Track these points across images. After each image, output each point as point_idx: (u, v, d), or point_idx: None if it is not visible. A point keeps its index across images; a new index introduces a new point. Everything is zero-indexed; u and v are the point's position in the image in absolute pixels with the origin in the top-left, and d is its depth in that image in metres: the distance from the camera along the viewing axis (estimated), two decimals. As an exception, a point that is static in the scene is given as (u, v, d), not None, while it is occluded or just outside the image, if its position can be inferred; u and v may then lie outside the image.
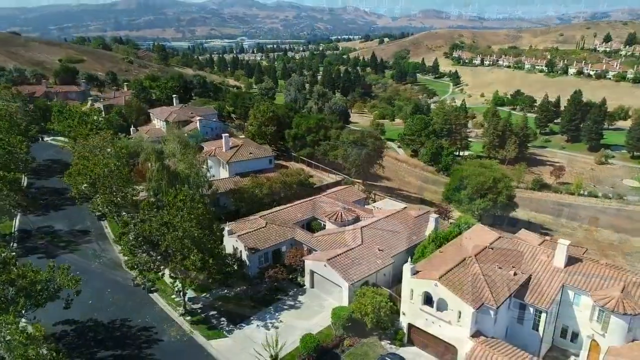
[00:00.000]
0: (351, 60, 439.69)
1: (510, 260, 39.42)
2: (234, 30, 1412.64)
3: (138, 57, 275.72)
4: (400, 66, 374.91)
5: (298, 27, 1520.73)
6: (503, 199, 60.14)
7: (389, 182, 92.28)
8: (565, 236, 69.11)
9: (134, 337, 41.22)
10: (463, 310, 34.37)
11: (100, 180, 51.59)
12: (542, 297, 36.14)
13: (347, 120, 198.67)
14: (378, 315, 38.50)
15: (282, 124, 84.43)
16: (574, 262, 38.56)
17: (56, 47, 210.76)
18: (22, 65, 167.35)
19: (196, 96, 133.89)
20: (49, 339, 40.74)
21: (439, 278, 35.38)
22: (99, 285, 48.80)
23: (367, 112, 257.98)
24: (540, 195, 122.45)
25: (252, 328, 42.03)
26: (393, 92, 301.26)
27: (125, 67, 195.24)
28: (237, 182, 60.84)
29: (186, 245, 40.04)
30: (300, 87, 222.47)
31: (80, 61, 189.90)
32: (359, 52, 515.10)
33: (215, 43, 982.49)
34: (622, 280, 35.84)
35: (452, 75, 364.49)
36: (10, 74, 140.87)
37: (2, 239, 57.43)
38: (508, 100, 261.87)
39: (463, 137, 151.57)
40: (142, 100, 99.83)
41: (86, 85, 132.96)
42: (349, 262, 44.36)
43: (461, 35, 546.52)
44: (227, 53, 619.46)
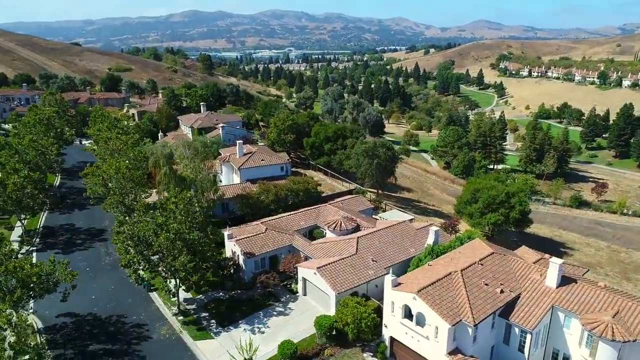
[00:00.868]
0: (394, 71, 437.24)
1: (499, 277, 37.86)
2: (283, 41, 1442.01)
3: (185, 67, 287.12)
4: (444, 77, 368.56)
5: (345, 38, 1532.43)
6: (516, 214, 57.68)
7: (409, 193, 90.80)
8: (586, 256, 65.38)
9: (126, 333, 42.78)
10: (440, 325, 33.38)
11: (112, 182, 54.16)
12: (528, 318, 34.44)
13: (382, 130, 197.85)
14: (359, 327, 38.02)
15: (301, 133, 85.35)
16: (567, 282, 36.51)
17: (107, 57, 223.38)
18: (75, 73, 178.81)
19: (229, 104, 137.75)
20: (50, 330, 43.50)
21: (417, 291, 34.56)
22: (105, 282, 51.08)
23: (405, 122, 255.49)
24: (578, 212, 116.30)
25: (239, 331, 42.55)
26: (434, 103, 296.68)
27: (169, 76, 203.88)
28: (244, 187, 62.03)
29: (177, 247, 41.30)
30: (337, 96, 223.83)
31: (127, 70, 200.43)
32: (403, 62, 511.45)
33: (263, 53, 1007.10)
34: (616, 305, 33.58)
35: (497, 86, 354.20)
36: (62, 81, 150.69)
37: (26, 234, 61.52)
38: (554, 113, 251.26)
39: (498, 149, 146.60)
40: (172, 107, 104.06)
41: (127, 93, 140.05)
42: (339, 271, 44.10)
43: (509, 46, 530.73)
44: (273, 63, 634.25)
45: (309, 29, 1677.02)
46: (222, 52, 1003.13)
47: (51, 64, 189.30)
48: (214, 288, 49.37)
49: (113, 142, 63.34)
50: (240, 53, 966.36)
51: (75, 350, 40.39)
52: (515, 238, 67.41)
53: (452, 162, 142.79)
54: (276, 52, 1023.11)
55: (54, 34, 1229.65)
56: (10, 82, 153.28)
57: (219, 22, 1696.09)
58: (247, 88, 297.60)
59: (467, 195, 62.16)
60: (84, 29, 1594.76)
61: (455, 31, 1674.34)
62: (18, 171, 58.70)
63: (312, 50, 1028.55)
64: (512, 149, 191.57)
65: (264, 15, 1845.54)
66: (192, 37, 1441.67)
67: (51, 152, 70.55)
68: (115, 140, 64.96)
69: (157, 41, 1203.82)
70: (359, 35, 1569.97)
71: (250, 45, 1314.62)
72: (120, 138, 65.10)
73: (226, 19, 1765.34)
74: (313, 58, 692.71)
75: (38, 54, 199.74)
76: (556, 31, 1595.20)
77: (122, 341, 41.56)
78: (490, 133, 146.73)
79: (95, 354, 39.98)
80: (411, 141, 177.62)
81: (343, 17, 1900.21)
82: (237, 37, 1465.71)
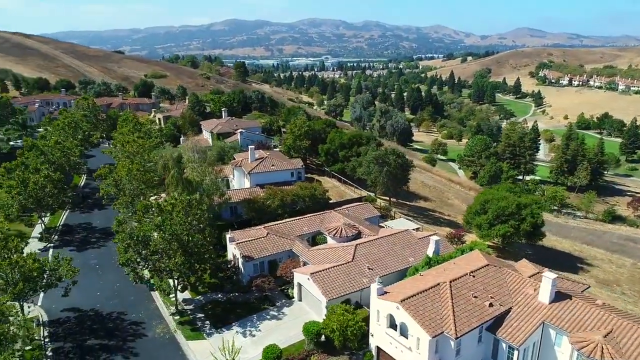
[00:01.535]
0: (428, 79, 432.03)
1: (490, 290, 36.68)
2: (320, 48, 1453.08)
3: (219, 74, 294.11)
4: (479, 85, 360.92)
5: (383, 46, 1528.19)
6: (527, 226, 55.61)
7: (427, 202, 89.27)
8: (604, 273, 62.24)
9: (124, 330, 44.08)
10: (421, 337, 32.68)
11: (123, 183, 56.17)
12: (516, 333, 33.17)
13: (410, 138, 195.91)
14: (345, 334, 37.68)
15: (316, 139, 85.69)
16: (561, 298, 34.94)
17: (144, 64, 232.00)
18: (112, 79, 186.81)
19: (255, 110, 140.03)
20: (54, 323, 45.39)
21: (400, 301, 33.99)
22: (111, 279, 52.84)
23: (436, 131, 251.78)
24: (610, 227, 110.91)
25: (231, 333, 42.99)
26: (468, 112, 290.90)
27: (201, 83, 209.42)
28: (251, 192, 62.85)
29: (172, 247, 42.34)
30: (365, 104, 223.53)
31: (162, 76, 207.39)
32: (439, 70, 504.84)
33: (300, 61, 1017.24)
34: (610, 324, 31.88)
35: (534, 95, 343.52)
36: (98, 86, 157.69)
37: (46, 231, 64.56)
38: (594, 124, 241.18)
39: (527, 160, 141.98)
40: (196, 112, 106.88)
41: (157, 98, 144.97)
42: (332, 278, 43.93)
43: (550, 53, 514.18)
44: (308, 71, 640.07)
45: (347, 37, 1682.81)
46: (260, 60, 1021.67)
47: (91, 70, 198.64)
48: (213, 290, 50.18)
49: (129, 145, 65.60)
50: (277, 61, 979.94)
51: (74, 344, 41.96)
52: (530, 251, 64.94)
53: (479, 172, 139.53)
54: (313, 59, 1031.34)
55: (103, 42, 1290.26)
56: (52, 88, 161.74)
57: (258, 30, 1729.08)
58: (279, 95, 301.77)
59: (476, 205, 60.58)
60: (130, 38, 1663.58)
61: (496, 39, 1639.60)
62: (39, 171, 61.81)
63: (349, 58, 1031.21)
64: (546, 159, 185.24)
65: (302, 23, 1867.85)
66: (231, 45, 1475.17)
67: (74, 153, 73.70)
68: (132, 143, 67.23)
69: (199, 49, 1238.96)
70: (397, 44, 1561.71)
71: (288, 53, 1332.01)
72: (137, 141, 67.32)
73: (265, 27, 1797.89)
74: (348, 66, 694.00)
75: (80, 61, 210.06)
76: (603, 39, 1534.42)
77: (118, 337, 42.85)
78: (519, 143, 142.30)
79: (92, 348, 41.41)
80: (439, 150, 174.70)
81: (381, 25, 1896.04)
82: (275, 45, 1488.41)
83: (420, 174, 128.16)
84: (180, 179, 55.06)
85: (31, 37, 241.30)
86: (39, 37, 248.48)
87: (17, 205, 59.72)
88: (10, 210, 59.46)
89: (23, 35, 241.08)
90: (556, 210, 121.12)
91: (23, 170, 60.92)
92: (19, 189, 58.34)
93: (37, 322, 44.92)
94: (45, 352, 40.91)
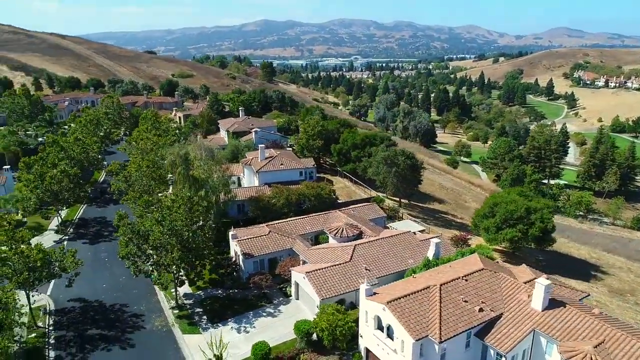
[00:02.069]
0: (457, 80, 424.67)
1: (482, 295, 35.83)
2: (350, 49, 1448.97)
3: (246, 74, 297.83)
4: (509, 87, 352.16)
5: (414, 47, 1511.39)
6: (535, 231, 53.91)
7: (441, 204, 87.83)
8: (620, 282, 59.68)
9: (124, 321, 45.29)
10: (405, 339, 32.27)
11: (133, 179, 57.71)
12: (504, 340, 32.30)
13: (433, 139, 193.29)
14: (333, 334, 37.56)
15: (330, 139, 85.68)
16: (555, 305, 33.81)
17: (173, 64, 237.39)
18: (141, 78, 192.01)
19: (276, 110, 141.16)
20: (60, 312, 47.08)
21: (387, 302, 33.66)
22: (118, 273, 54.33)
23: (462, 132, 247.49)
24: (638, 235, 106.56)
25: (226, 329, 43.59)
26: (496, 114, 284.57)
27: (226, 82, 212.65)
28: (258, 190, 63.40)
29: (170, 242, 43.23)
30: (389, 105, 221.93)
31: (189, 76, 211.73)
32: (469, 71, 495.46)
33: (329, 61, 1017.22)
34: (603, 334, 30.64)
35: (567, 97, 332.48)
36: (126, 85, 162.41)
37: (63, 224, 67.02)
38: (629, 127, 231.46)
39: (553, 163, 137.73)
40: (215, 111, 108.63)
41: (180, 97, 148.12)
42: (327, 277, 43.89)
43: (586, 54, 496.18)
44: (337, 71, 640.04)
45: (377, 37, 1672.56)
46: (290, 60, 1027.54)
47: (121, 69, 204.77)
48: (214, 285, 50.98)
49: (142, 142, 67.31)
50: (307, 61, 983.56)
51: (76, 333, 43.43)
52: (542, 257, 62.97)
53: (502, 174, 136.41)
54: (342, 60, 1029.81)
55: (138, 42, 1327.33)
56: (83, 86, 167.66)
57: (289, 30, 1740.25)
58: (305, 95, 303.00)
59: (484, 208, 59.20)
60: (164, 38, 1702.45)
61: (531, 39, 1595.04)
62: (56, 166, 64.21)
63: (378, 59, 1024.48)
64: (575, 163, 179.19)
65: (332, 24, 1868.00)
66: (262, 46, 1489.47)
67: (93, 149, 76.14)
68: (146, 140, 68.96)
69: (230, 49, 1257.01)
70: (428, 44, 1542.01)
71: (318, 54, 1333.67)
72: (151, 138, 69.00)
73: (296, 27, 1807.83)
74: (377, 66, 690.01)
75: (111, 60, 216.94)
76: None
77: (118, 328, 44.06)
78: (545, 146, 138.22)
79: (92, 338, 42.72)
80: (462, 152, 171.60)
81: (413, 25, 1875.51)
82: (305, 46, 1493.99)
83: (439, 176, 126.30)
84: (187, 176, 56.16)
85: (66, 38, 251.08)
86: (73, 38, 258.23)
87: (35, 198, 62.17)
88: (28, 204, 61.94)
89: (59, 36, 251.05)
90: (581, 216, 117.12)
91: (41, 165, 63.35)
92: (37, 182, 60.72)
93: (44, 310, 46.79)
94: (48, 339, 42.55)
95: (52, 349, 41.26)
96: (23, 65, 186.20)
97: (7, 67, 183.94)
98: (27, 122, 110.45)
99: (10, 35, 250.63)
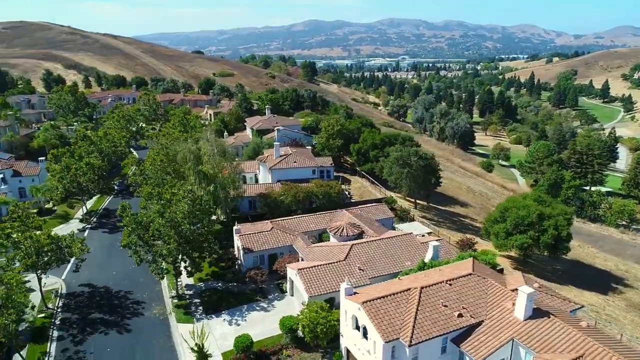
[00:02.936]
0: (505, 81, 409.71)
1: (465, 300, 34.69)
2: (398, 49, 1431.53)
3: (288, 74, 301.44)
4: (561, 88, 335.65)
5: (464, 46, 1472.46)
6: (547, 238, 51.27)
7: (463, 207, 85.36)
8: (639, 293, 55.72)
9: (125, 307, 47.45)
10: (377, 341, 31.86)
11: (147, 172, 60.13)
12: (480, 348, 31.18)
13: (471, 141, 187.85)
14: (314, 331, 37.61)
15: (350, 138, 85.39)
16: (539, 315, 32.22)
17: (215, 63, 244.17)
18: (183, 77, 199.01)
19: (307, 109, 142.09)
20: (70, 296, 49.91)
21: (362, 302, 33.34)
22: (130, 261, 55.91)
23: (505, 135, 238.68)
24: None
25: (218, 320, 44.72)
26: (545, 116, 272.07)
27: (265, 81, 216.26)
28: (267, 187, 64.28)
29: (168, 233, 44.77)
30: (427, 105, 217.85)
31: (230, 75, 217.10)
32: (518, 72, 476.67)
33: (376, 61, 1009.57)
34: (584, 348, 28.93)
35: (624, 99, 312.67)
36: (167, 84, 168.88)
37: (87, 214, 70.84)
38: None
39: (596, 169, 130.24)
40: (243, 109, 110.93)
41: (216, 96, 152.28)
42: (318, 275, 43.94)
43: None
44: (382, 71, 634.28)
45: (426, 37, 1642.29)
46: (336, 60, 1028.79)
47: (165, 68, 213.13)
48: (215, 278, 52.33)
49: (164, 137, 69.90)
50: (353, 61, 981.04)
51: (80, 316, 45.96)
52: (559, 266, 59.78)
53: (540, 179, 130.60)
54: (389, 60, 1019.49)
55: (191, 43, 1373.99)
56: (128, 84, 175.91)
57: (337, 30, 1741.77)
58: (345, 95, 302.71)
59: (496, 213, 57.00)
60: (216, 39, 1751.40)
61: (592, 39, 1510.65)
62: (82, 158, 67.96)
63: (427, 59, 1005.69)
64: (625, 170, 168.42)
65: (380, 23, 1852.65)
66: (310, 46, 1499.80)
67: (120, 144, 79.88)
68: (168, 135, 71.55)
69: (278, 49, 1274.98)
70: (479, 44, 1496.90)
71: (365, 54, 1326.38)
72: (172, 134, 71.52)
73: (344, 27, 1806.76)
74: (423, 66, 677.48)
75: (157, 60, 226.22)
76: None
77: (118, 314, 46.23)
78: (587, 151, 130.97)
79: (94, 321, 45.11)
80: (500, 155, 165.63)
81: (464, 24, 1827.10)
82: (352, 46, 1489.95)
83: (469, 179, 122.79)
84: (197, 171, 57.88)
85: (117, 38, 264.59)
86: (124, 38, 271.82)
87: (62, 188, 66.10)
88: (55, 193, 65.96)
89: (110, 36, 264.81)
90: (623, 226, 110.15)
91: (68, 157, 67.26)
92: (63, 173, 64.56)
93: (55, 293, 49.80)
94: (55, 320, 45.29)
95: (56, 329, 43.93)
96: (76, 64, 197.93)
97: (62, 65, 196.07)
98: (71, 117, 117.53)
99: (69, 36, 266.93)
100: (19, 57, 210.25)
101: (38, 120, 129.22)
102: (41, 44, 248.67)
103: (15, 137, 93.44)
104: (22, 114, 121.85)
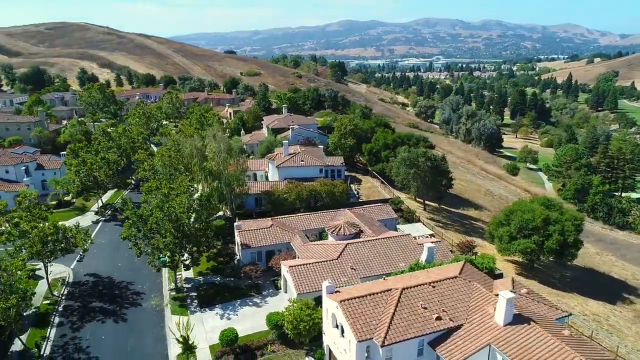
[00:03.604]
0: (541, 82, 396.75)
1: (446, 303, 34.04)
2: (432, 49, 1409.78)
3: (316, 74, 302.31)
4: (600, 90, 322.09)
5: (502, 46, 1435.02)
6: (552, 243, 49.47)
7: (477, 210, 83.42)
8: (655, 307, 52.86)
9: (125, 297, 49.03)
10: (351, 339, 31.75)
11: (155, 167, 61.83)
12: (455, 352, 30.57)
13: (498, 143, 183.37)
14: (297, 328, 37.80)
15: (362, 138, 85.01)
16: (520, 321, 31.27)
17: (243, 62, 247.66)
18: (211, 76, 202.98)
19: (329, 108, 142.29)
20: (75, 284, 51.97)
21: (340, 301, 33.28)
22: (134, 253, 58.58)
23: (537, 138, 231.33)
24: None
25: (211, 314, 45.59)
26: (581, 119, 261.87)
27: (292, 81, 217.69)
28: (272, 185, 64.85)
29: (164, 227, 45.96)
30: (455, 106, 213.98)
31: (257, 74, 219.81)
32: (556, 73, 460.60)
33: (409, 61, 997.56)
34: (561, 357, 27.91)
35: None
36: (194, 82, 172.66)
37: (102, 207, 73.44)
38: None
39: (627, 175, 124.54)
40: (262, 108, 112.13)
41: (239, 94, 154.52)
42: (309, 273, 44.09)
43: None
44: (414, 71, 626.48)
45: (462, 37, 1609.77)
46: (369, 60, 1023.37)
47: (195, 68, 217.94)
48: (215, 272, 53.31)
49: (174, 134, 71.65)
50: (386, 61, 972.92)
51: (81, 304, 47.81)
52: (568, 273, 57.56)
53: (567, 184, 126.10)
54: (423, 60, 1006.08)
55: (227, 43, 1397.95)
56: (157, 83, 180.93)
57: (371, 30, 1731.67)
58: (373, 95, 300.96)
59: (500, 216, 55.46)
60: (251, 39, 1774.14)
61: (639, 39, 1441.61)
62: (98, 153, 70.53)
63: (462, 59, 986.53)
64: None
65: (416, 23, 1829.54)
66: (344, 46, 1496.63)
67: (137, 140, 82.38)
68: (181, 132, 73.26)
69: (312, 49, 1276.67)
70: (518, 43, 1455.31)
71: (399, 54, 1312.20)
72: (185, 131, 73.21)
73: (378, 27, 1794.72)
74: (457, 67, 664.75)
75: (187, 59, 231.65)
76: None
77: (117, 304, 47.81)
78: (618, 155, 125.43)
79: (93, 309, 46.83)
80: (527, 158, 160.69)
81: (502, 24, 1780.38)
82: (386, 46, 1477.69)
83: (490, 182, 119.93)
84: (202, 168, 59.10)
85: (150, 38, 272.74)
86: (156, 38, 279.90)
87: (79, 182, 68.80)
88: (72, 186, 68.72)
89: (144, 36, 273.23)
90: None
91: (85, 152, 69.94)
92: (79, 167, 67.20)
93: (62, 281, 51.93)
94: (58, 307, 47.28)
95: (58, 315, 45.87)
96: (110, 63, 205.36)
97: (97, 64, 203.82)
98: (99, 114, 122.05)
99: (106, 36, 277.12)
100: (58, 57, 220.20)
101: (70, 116, 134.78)
102: (79, 43, 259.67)
103: (44, 132, 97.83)
104: (55, 110, 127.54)
